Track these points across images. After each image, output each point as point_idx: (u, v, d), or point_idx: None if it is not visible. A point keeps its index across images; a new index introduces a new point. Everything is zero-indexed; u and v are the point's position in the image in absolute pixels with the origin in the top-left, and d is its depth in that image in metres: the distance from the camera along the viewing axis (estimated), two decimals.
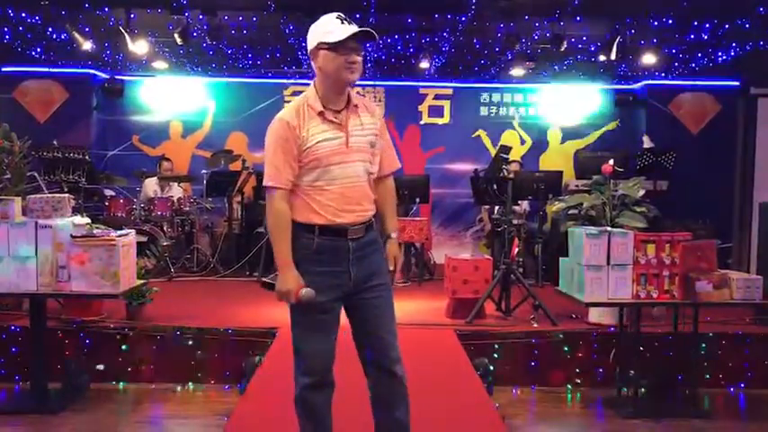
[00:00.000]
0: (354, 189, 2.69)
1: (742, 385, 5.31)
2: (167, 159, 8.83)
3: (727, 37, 7.14)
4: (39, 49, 8.22)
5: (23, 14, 6.74)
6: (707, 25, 6.86)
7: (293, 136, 2.63)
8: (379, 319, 2.77)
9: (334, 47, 2.61)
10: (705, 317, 5.03)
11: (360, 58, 2.66)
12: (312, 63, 2.71)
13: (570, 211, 5.73)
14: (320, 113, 2.66)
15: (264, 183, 2.67)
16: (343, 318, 2.80)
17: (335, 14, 2.65)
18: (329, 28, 2.62)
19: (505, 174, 6.06)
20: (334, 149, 2.65)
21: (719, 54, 7.88)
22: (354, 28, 2.61)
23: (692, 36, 7.20)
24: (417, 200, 8.10)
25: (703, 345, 5.21)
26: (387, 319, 2.79)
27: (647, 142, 8.97)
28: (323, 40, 2.63)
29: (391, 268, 2.82)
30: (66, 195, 4.71)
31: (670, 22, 6.78)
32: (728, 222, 8.96)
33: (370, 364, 2.79)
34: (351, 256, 2.70)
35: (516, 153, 9.30)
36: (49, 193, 5.70)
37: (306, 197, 2.68)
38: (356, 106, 2.74)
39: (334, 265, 2.69)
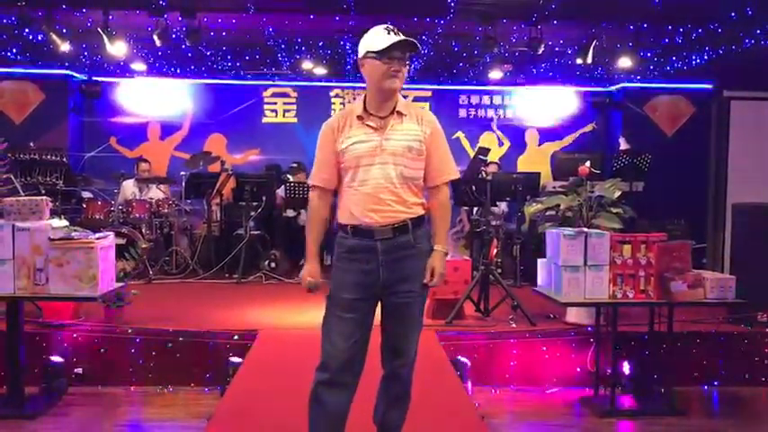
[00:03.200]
0: (385, 191, 2.76)
1: (716, 383, 5.40)
2: (145, 161, 8.78)
3: (700, 41, 7.26)
4: (14, 50, 8.13)
5: None
6: (681, 29, 6.97)
7: (332, 139, 2.82)
8: (401, 324, 2.85)
9: (378, 56, 2.73)
10: (680, 316, 5.10)
11: (404, 68, 2.76)
12: (361, 71, 2.84)
13: (548, 213, 5.80)
14: (359, 117, 2.80)
15: (308, 182, 2.96)
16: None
17: (384, 26, 2.78)
18: (376, 38, 2.76)
19: (484, 175, 6.11)
20: (368, 152, 2.76)
21: (694, 57, 8.01)
22: (399, 38, 2.73)
23: (667, 40, 7.32)
24: None
25: (678, 344, 5.29)
26: (408, 324, 2.86)
27: (623, 144, 9.10)
28: (369, 49, 2.76)
29: (425, 281, 2.83)
30: (44, 198, 4.66)
31: (645, 26, 6.89)
32: (703, 223, 9.11)
33: (383, 361, 2.90)
34: (380, 258, 2.76)
35: (494, 155, 9.38)
36: (26, 195, 5.66)
37: (344, 198, 2.84)
38: (400, 113, 2.82)
39: (364, 264, 2.78)
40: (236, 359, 4.90)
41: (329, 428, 2.82)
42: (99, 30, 6.83)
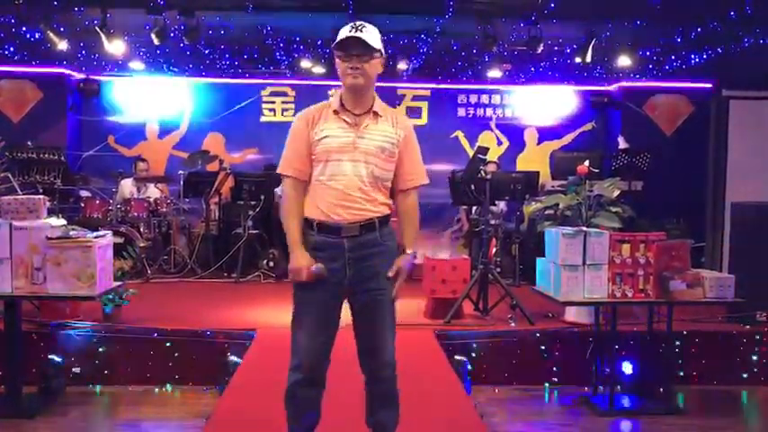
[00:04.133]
0: (355, 188, 2.75)
1: (715, 382, 5.40)
2: (143, 160, 8.77)
3: (699, 40, 7.26)
4: (12, 48, 8.10)
5: None
6: (680, 28, 6.96)
7: (305, 129, 2.80)
8: (371, 323, 2.83)
9: (337, 53, 2.75)
10: (679, 315, 5.10)
11: (364, 65, 2.73)
12: None
13: (547, 212, 5.79)
14: (335, 112, 2.79)
15: (278, 170, 2.85)
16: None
17: (352, 23, 2.76)
18: (339, 36, 2.74)
19: (483, 174, 6.10)
20: (341, 146, 2.75)
21: (693, 56, 8.00)
22: (349, 34, 2.70)
23: (666, 39, 7.31)
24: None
25: (677, 343, 5.29)
26: (378, 323, 2.83)
27: (622, 143, 9.09)
28: (333, 47, 2.77)
29: (390, 275, 2.81)
30: (41, 197, 4.66)
31: (644, 24, 6.88)
32: (701, 222, 9.08)
33: (361, 366, 2.88)
34: (347, 255, 2.75)
35: (493, 154, 9.36)
36: (24, 194, 5.64)
37: (312, 192, 2.80)
38: (376, 113, 2.82)
39: (330, 262, 2.75)
40: (234, 358, 4.90)
41: (307, 423, 2.88)
42: (97, 28, 6.82)
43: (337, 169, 2.74)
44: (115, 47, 7.20)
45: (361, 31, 2.72)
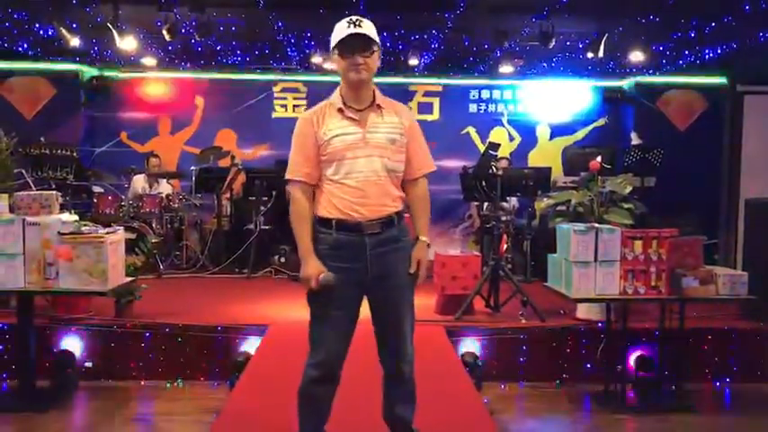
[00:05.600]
0: (372, 184, 2.75)
1: (728, 380, 5.36)
2: (155, 156, 8.80)
3: (713, 34, 7.19)
4: (25, 45, 8.16)
5: (9, 9, 6.69)
6: (694, 23, 6.90)
7: (311, 132, 2.78)
8: (391, 319, 2.85)
9: (338, 49, 2.73)
10: (691, 312, 5.06)
11: (367, 60, 2.72)
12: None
13: (558, 208, 5.76)
14: (339, 110, 2.78)
15: (286, 176, 2.83)
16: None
17: (348, 18, 2.74)
18: (337, 31, 2.73)
19: (494, 170, 6.07)
20: (351, 144, 2.74)
21: (707, 51, 7.93)
22: (352, 30, 2.69)
23: (680, 33, 7.24)
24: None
25: (689, 340, 5.25)
26: (398, 319, 2.84)
27: (635, 139, 9.03)
28: (332, 43, 2.75)
29: (411, 270, 2.82)
30: (54, 192, 4.68)
31: (657, 19, 6.82)
32: (715, 219, 9.03)
33: (381, 361, 2.90)
34: (368, 253, 2.75)
35: (505, 150, 9.32)
36: (37, 190, 5.68)
37: (326, 191, 2.78)
38: (380, 106, 2.82)
39: (351, 261, 2.75)
40: (245, 354, 4.92)
41: (319, 421, 2.89)
42: (109, 24, 6.85)
43: (351, 167, 2.74)
44: (127, 43, 7.23)
45: (361, 26, 2.71)
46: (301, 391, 2.85)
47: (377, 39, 2.75)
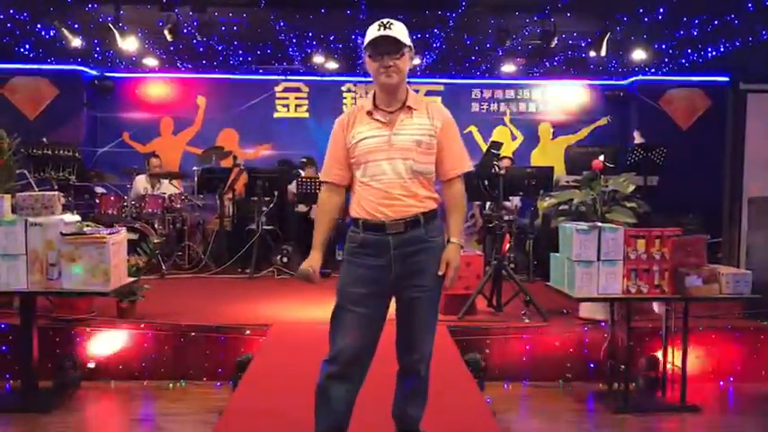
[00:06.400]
0: (397, 186, 2.76)
1: (731, 379, 5.35)
2: (156, 156, 8.79)
3: (716, 33, 7.18)
4: (27, 46, 8.17)
5: (12, 11, 6.70)
6: (696, 21, 6.88)
7: (342, 135, 2.85)
8: (412, 319, 2.84)
9: (368, 52, 2.76)
10: (695, 311, 5.05)
11: (397, 62, 2.74)
12: None
13: (561, 207, 5.74)
14: (368, 113, 2.81)
15: (320, 178, 2.95)
16: None
17: (380, 21, 2.76)
18: (368, 33, 2.76)
19: (497, 170, 6.06)
20: (376, 146, 2.77)
21: (709, 50, 7.92)
22: (379, 33, 2.71)
23: (682, 32, 7.23)
24: None
25: (693, 339, 5.23)
26: (419, 319, 2.83)
27: (637, 138, 9.01)
28: (364, 45, 2.78)
29: (440, 272, 2.81)
30: (57, 193, 4.68)
31: (660, 18, 6.81)
32: (718, 217, 9.01)
33: (398, 358, 2.90)
34: (392, 252, 2.75)
35: (507, 149, 9.33)
36: (39, 190, 5.68)
37: (357, 192, 2.85)
38: (410, 108, 2.81)
39: (376, 259, 2.77)
40: (248, 354, 4.91)
41: (335, 421, 2.82)
42: (110, 25, 6.85)
43: (376, 169, 2.76)
44: (129, 43, 7.23)
45: (390, 28, 2.73)
46: (317, 388, 2.83)
47: (407, 41, 2.75)
